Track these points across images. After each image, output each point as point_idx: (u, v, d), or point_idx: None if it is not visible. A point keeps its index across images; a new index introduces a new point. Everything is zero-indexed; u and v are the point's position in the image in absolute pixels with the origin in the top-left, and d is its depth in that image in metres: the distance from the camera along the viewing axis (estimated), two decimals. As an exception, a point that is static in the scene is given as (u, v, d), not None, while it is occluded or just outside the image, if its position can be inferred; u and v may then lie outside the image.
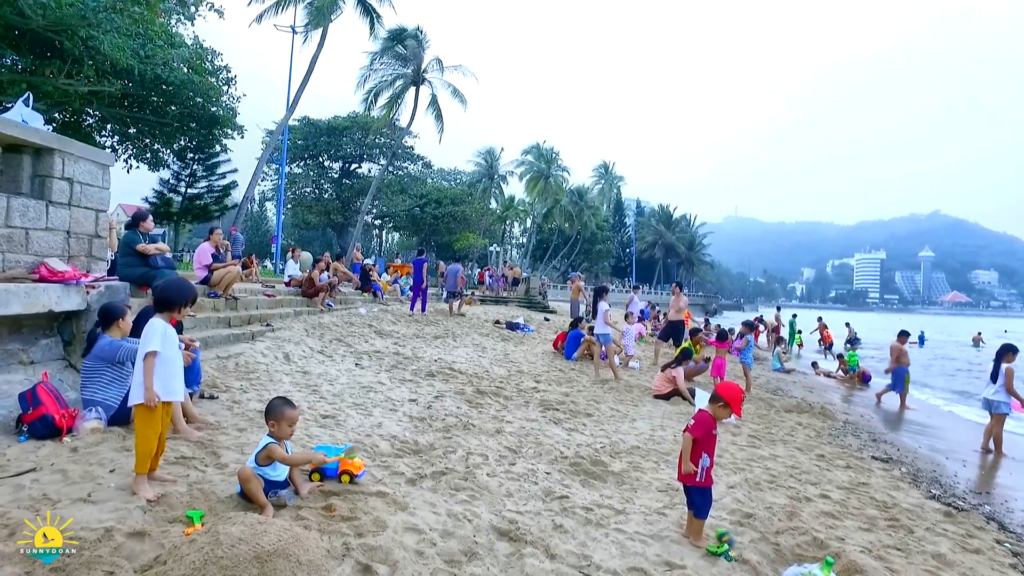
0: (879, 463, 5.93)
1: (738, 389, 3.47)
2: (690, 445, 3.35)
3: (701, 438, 3.34)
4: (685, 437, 3.38)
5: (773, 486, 4.64)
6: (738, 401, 3.36)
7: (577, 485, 4.15)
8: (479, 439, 4.91)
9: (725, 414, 3.38)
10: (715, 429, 3.41)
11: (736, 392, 3.40)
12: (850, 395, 11.97)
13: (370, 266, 17.06)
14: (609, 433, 5.80)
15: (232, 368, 6.36)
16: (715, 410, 3.39)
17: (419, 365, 8.17)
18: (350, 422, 5.01)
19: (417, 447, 4.53)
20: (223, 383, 5.59)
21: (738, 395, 3.38)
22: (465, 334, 12.39)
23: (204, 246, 8.81)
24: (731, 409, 3.35)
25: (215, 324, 7.87)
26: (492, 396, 6.76)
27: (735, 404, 3.34)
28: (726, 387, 3.45)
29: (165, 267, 7.00)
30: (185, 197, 23.42)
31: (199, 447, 3.75)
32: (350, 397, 5.91)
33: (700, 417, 3.40)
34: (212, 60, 21.34)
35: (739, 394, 3.40)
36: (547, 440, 5.20)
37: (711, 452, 3.40)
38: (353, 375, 7.04)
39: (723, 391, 3.40)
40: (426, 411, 5.74)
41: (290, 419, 3.16)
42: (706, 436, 3.35)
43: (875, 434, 7.73)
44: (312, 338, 9.02)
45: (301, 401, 5.45)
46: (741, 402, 3.39)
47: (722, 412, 3.38)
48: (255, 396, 5.38)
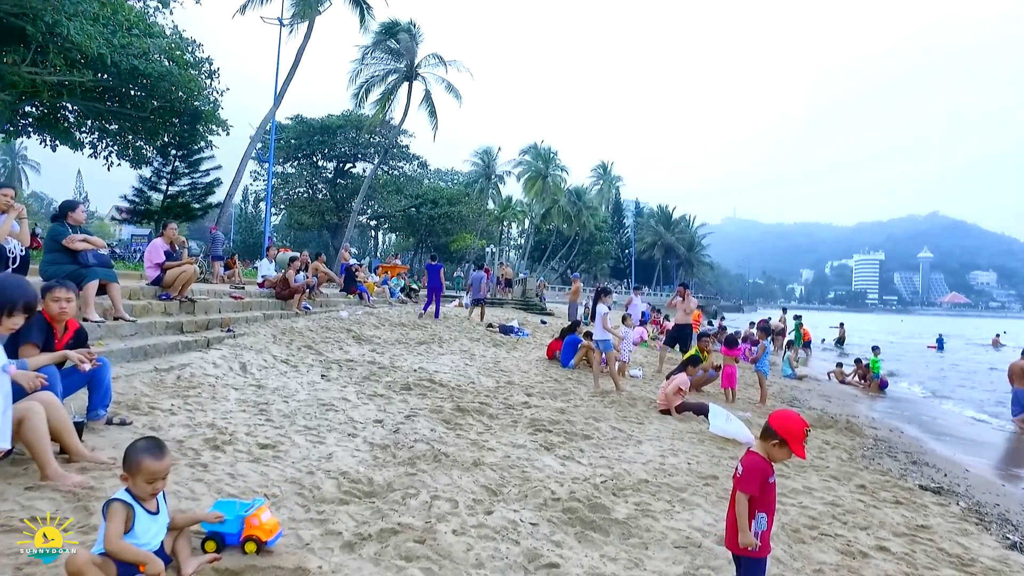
0: (931, 495, 5.01)
1: (799, 420, 2.50)
2: (746, 509, 2.42)
3: (758, 494, 2.42)
4: (737, 498, 2.45)
5: (816, 534, 3.72)
6: (800, 437, 2.42)
7: (571, 540, 3.22)
8: (450, 475, 3.98)
9: (783, 455, 2.45)
10: (773, 476, 2.48)
11: (796, 425, 2.45)
12: (873, 404, 11.07)
13: (356, 266, 16.11)
14: (611, 461, 4.86)
15: (170, 383, 5.42)
16: (769, 450, 2.46)
17: (395, 376, 7.24)
18: (293, 453, 4.08)
19: (371, 488, 3.60)
20: (150, 403, 4.65)
21: (799, 429, 2.44)
22: (454, 339, 11.46)
23: (156, 242, 7.87)
24: (790, 448, 2.42)
25: (162, 330, 6.92)
26: (474, 415, 5.82)
27: (795, 442, 2.40)
28: (783, 418, 2.50)
29: (98, 264, 6.10)
30: (166, 195, 22.44)
31: (68, 499, 2.81)
32: (303, 419, 4.97)
33: (750, 463, 2.46)
34: (193, 51, 20.39)
35: (800, 428, 2.44)
36: (536, 474, 4.27)
37: (770, 509, 2.47)
38: (315, 389, 6.10)
39: (779, 424, 2.46)
40: (392, 436, 4.80)
41: (149, 473, 2.22)
42: (762, 489, 2.43)
43: (913, 454, 6.81)
44: (279, 345, 8.09)
45: (241, 425, 4.52)
46: (803, 439, 2.44)
47: (779, 453, 2.44)
48: (184, 419, 4.45)
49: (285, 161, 42.75)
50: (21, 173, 70.79)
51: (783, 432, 2.44)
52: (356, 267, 16.09)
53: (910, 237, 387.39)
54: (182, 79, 19.24)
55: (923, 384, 14.78)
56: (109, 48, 15.92)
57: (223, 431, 4.28)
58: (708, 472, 4.83)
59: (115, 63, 16.74)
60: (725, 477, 4.73)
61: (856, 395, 12.21)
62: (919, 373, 16.74)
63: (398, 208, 43.48)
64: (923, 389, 13.99)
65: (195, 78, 20.20)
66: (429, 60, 30.26)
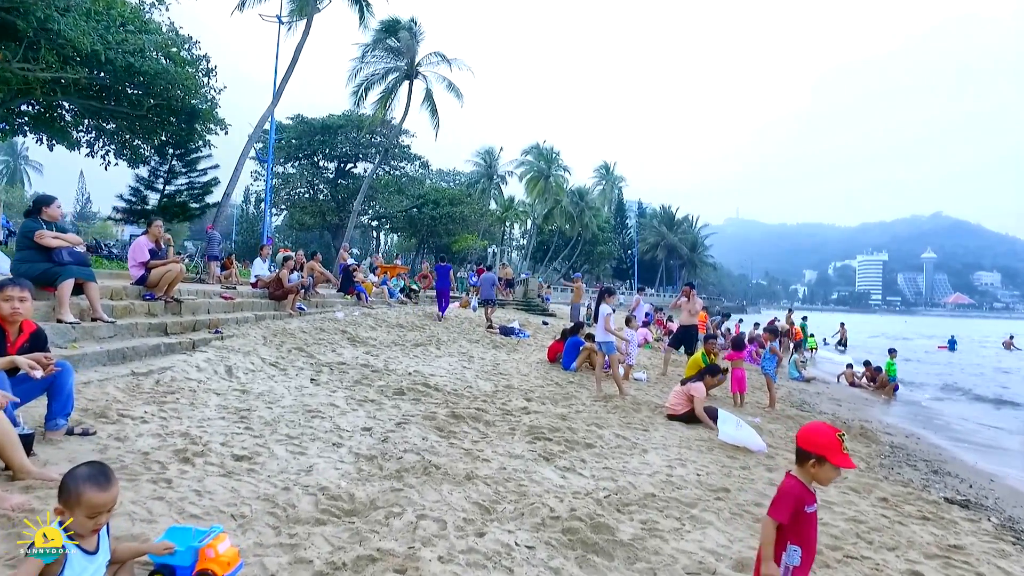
0: (959, 509, 4.67)
1: (828, 429, 2.17)
2: (772, 536, 2.09)
3: (788, 522, 2.09)
4: (764, 523, 2.13)
5: (841, 556, 3.38)
6: (836, 446, 2.08)
7: (572, 567, 2.89)
8: (440, 491, 3.65)
9: (828, 474, 2.11)
10: (812, 505, 2.15)
11: (827, 435, 2.12)
12: (884, 408, 10.72)
13: (354, 266, 15.80)
14: (615, 472, 4.53)
15: (148, 388, 5.12)
16: (810, 473, 2.13)
17: (389, 380, 6.92)
18: (270, 465, 3.76)
19: (351, 506, 3.28)
20: (121, 410, 4.34)
21: (832, 438, 2.10)
22: (452, 341, 11.14)
23: (140, 240, 7.55)
24: (831, 462, 2.08)
25: (145, 331, 6.62)
26: (470, 421, 5.49)
27: (833, 452, 2.07)
28: (810, 433, 2.17)
29: (74, 263, 5.78)
30: (163, 195, 22.16)
31: (2, 524, 2.50)
32: (286, 427, 4.65)
33: (784, 487, 2.14)
34: (190, 48, 20.11)
35: (832, 436, 2.11)
36: (533, 488, 3.94)
37: (807, 543, 2.14)
38: (302, 394, 5.79)
39: (808, 441, 2.14)
40: (380, 445, 4.48)
41: (91, 507, 1.88)
42: (795, 518, 2.10)
43: (932, 462, 6.48)
44: (269, 347, 7.78)
45: (217, 434, 4.21)
46: (840, 447, 2.10)
47: (822, 472, 2.11)
48: (156, 428, 4.14)
49: (286, 161, 42.49)
50: (23, 174, 70.71)
51: (816, 448, 2.12)
52: (354, 267, 15.77)
53: (914, 237, 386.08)
54: (179, 76, 18.95)
55: (936, 387, 14.40)
56: (104, 44, 15.66)
57: (196, 441, 3.97)
58: (719, 484, 4.50)
59: (110, 60, 16.47)
60: (737, 490, 4.41)
61: (867, 398, 11.86)
62: (931, 375, 16.36)
63: (399, 208, 43.20)
64: (936, 392, 13.61)
65: (192, 76, 19.91)
66: (430, 58, 29.93)
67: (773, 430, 6.96)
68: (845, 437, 2.15)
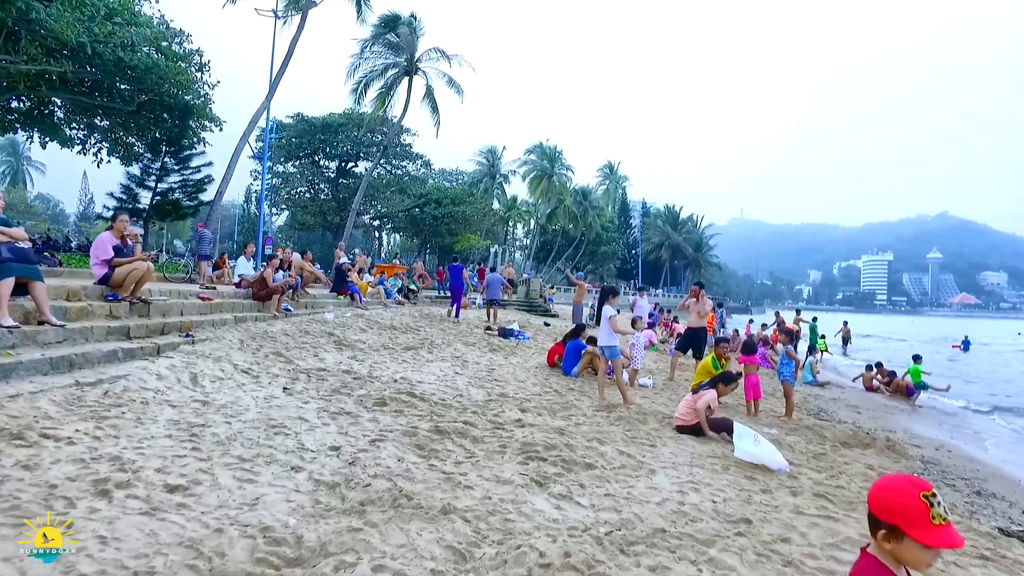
0: (1019, 544, 4.04)
1: (904, 486, 1.49)
2: None
3: None
4: None
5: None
6: (921, 514, 1.39)
7: (564, 638, 2.28)
8: (408, 531, 3.05)
9: (920, 557, 1.43)
10: None
11: (905, 494, 1.45)
12: (907, 415, 10.06)
13: (347, 266, 15.22)
14: (618, 500, 3.92)
15: (91, 400, 4.54)
16: (887, 550, 1.49)
17: (370, 389, 6.31)
18: (208, 498, 3.17)
19: (296, 552, 2.68)
20: (45, 429, 3.76)
21: (911, 499, 1.44)
22: (447, 343, 10.53)
23: (104, 236, 6.97)
24: (913, 538, 1.44)
25: (102, 336, 6.03)
26: (455, 438, 4.88)
27: (916, 524, 1.40)
28: (884, 490, 1.51)
29: (16, 260, 5.21)
30: (156, 192, 21.66)
31: None
32: (241, 446, 4.06)
33: (861, 570, 1.51)
34: (181, 42, 19.62)
35: (911, 497, 1.44)
36: (522, 523, 3.33)
37: None
38: (269, 406, 5.19)
39: (880, 503, 1.48)
40: (347, 468, 3.88)
41: None
42: None
43: (971, 481, 5.84)
44: (244, 352, 7.20)
45: (155, 457, 3.62)
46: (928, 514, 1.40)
47: (907, 551, 1.45)
48: (83, 451, 3.55)
49: (286, 160, 42.06)
50: (26, 174, 70.48)
51: (890, 515, 1.46)
52: (347, 267, 15.20)
53: (919, 237, 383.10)
54: (170, 71, 18.46)
55: (956, 391, 13.70)
56: (89, 36, 15.15)
57: (126, 467, 3.38)
58: (739, 514, 3.88)
59: (98, 53, 15.97)
60: (760, 521, 3.79)
61: (886, 404, 11.20)
62: (947, 377, 15.64)
63: (401, 208, 42.67)
64: (958, 397, 12.92)
65: (184, 71, 19.43)
66: (430, 54, 29.39)
67: (792, 444, 6.33)
68: (936, 499, 1.48)
